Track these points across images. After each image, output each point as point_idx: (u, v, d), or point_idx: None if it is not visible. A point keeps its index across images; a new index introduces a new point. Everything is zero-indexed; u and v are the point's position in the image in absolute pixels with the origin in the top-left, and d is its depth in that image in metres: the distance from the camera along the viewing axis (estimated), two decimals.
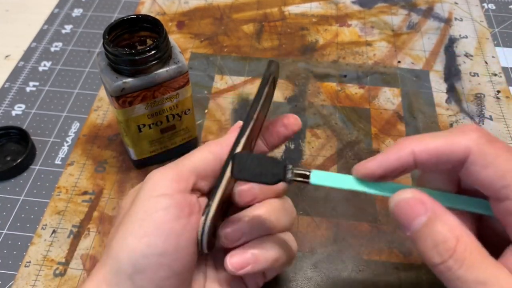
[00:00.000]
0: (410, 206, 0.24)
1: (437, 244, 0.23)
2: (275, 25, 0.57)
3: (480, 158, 0.24)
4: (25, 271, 0.37)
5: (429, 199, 0.24)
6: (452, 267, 0.22)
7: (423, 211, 0.23)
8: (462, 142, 0.24)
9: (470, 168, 0.24)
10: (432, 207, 0.24)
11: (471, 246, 0.23)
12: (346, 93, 0.49)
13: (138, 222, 0.26)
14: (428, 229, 0.23)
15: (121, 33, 0.37)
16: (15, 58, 0.54)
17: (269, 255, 0.28)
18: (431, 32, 0.55)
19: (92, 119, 0.47)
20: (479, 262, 0.22)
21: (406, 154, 0.25)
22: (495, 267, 0.23)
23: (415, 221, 0.24)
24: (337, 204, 0.40)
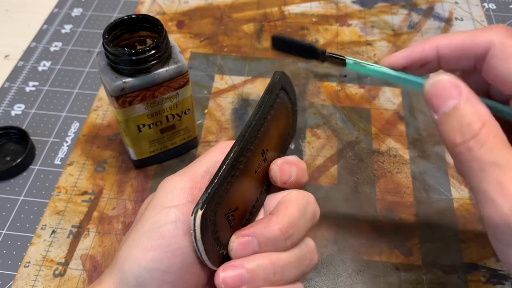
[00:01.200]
0: (445, 88, 0.24)
1: (463, 125, 0.23)
2: (275, 24, 0.57)
3: (500, 51, 0.24)
4: (24, 272, 0.36)
5: (465, 85, 0.24)
6: (473, 147, 0.23)
7: (457, 94, 0.24)
8: (485, 35, 0.25)
9: (491, 62, 0.24)
10: (466, 92, 0.24)
11: (494, 132, 0.23)
12: (346, 93, 0.49)
13: (146, 234, 0.25)
14: (457, 111, 0.24)
15: (121, 33, 0.37)
16: (15, 58, 0.53)
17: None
18: (432, 32, 0.55)
19: (92, 119, 0.47)
20: (499, 146, 0.23)
21: (430, 46, 0.26)
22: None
23: (447, 103, 0.24)
24: (337, 204, 0.40)
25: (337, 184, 0.41)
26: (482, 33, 0.25)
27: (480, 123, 0.23)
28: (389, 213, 0.39)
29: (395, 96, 0.49)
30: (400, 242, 0.38)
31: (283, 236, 0.26)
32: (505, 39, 0.24)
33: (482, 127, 0.23)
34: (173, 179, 0.27)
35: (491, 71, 0.25)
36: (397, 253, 0.37)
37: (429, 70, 0.27)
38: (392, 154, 0.43)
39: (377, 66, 0.28)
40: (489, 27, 0.26)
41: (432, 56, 0.26)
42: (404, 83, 0.27)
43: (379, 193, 0.41)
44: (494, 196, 0.22)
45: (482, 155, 0.23)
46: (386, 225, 0.39)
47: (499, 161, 0.22)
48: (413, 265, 0.36)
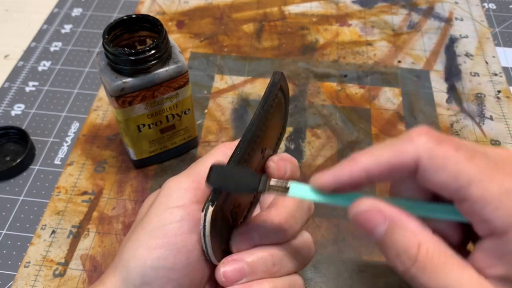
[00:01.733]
0: (368, 217, 0.23)
1: (399, 253, 0.22)
2: (275, 24, 0.57)
3: (430, 164, 0.23)
4: (24, 272, 0.36)
5: (387, 206, 0.23)
6: (416, 274, 0.22)
7: (382, 220, 0.23)
8: (410, 150, 0.23)
9: (424, 174, 0.23)
10: (391, 215, 0.23)
11: (433, 251, 0.22)
12: (347, 93, 0.49)
13: (151, 233, 0.25)
14: (389, 238, 0.23)
15: (121, 33, 0.37)
16: (15, 58, 0.53)
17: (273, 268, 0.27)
18: (432, 32, 0.55)
19: (92, 119, 0.47)
20: (442, 267, 0.22)
21: (358, 170, 0.24)
22: (459, 270, 0.22)
23: (376, 231, 0.23)
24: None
25: None
26: (406, 147, 0.23)
27: (415, 246, 0.22)
28: None
29: (395, 96, 0.49)
30: None
31: (282, 228, 0.27)
32: (430, 151, 0.23)
33: (419, 249, 0.22)
34: (178, 179, 0.27)
35: (427, 182, 0.23)
36: None
37: (362, 187, 0.25)
38: None
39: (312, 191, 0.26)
40: (410, 136, 0.24)
41: (362, 178, 0.24)
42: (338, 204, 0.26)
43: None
44: None
45: (427, 281, 0.22)
46: None
47: (444, 285, 0.21)
48: None
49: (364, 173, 0.24)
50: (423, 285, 0.22)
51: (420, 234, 0.23)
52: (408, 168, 0.23)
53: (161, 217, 0.26)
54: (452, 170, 0.22)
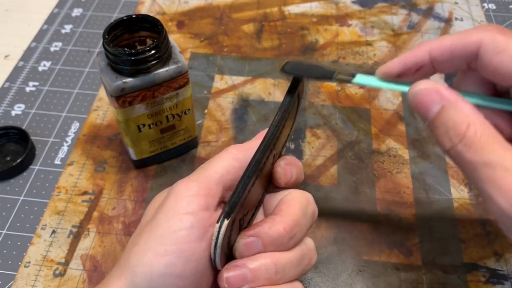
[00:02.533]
0: (426, 95, 0.25)
1: (448, 129, 0.23)
2: (275, 24, 0.57)
3: (491, 46, 0.24)
4: (24, 272, 0.36)
5: (445, 88, 0.24)
6: (461, 151, 0.23)
7: (438, 100, 0.24)
8: (474, 34, 0.25)
9: (484, 59, 0.25)
10: (447, 96, 0.24)
11: (481, 131, 0.23)
12: (346, 93, 0.49)
13: (159, 239, 0.25)
14: (442, 116, 0.24)
15: (121, 33, 0.37)
16: (15, 58, 0.54)
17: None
18: (432, 32, 0.55)
19: (92, 119, 0.47)
20: (488, 145, 0.23)
21: (422, 51, 0.26)
22: (503, 150, 0.22)
23: (431, 110, 0.24)
24: (337, 204, 0.40)
25: (337, 184, 0.41)
26: (471, 33, 0.26)
27: (465, 125, 0.23)
28: (389, 213, 0.39)
29: (395, 96, 0.49)
30: (400, 242, 0.38)
31: (287, 236, 0.26)
32: (494, 35, 0.25)
33: (468, 128, 0.23)
34: (187, 184, 0.27)
35: (485, 67, 0.25)
36: (397, 253, 0.37)
37: (425, 74, 0.27)
38: (392, 154, 0.43)
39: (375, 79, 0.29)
40: (478, 26, 0.26)
41: (425, 60, 0.26)
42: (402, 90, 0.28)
43: (379, 193, 0.41)
44: (491, 194, 0.22)
45: (471, 157, 0.23)
46: (386, 225, 0.39)
47: (487, 160, 0.22)
48: (413, 265, 0.36)
49: (427, 54, 0.26)
50: (467, 160, 0.23)
51: (472, 115, 0.23)
52: (470, 51, 0.25)
53: (170, 223, 0.25)
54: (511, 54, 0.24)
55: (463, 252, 0.37)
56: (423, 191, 0.41)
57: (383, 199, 0.40)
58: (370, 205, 0.40)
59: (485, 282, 0.36)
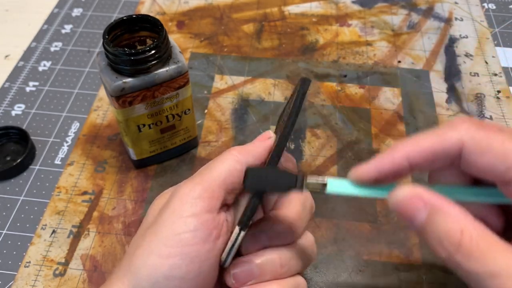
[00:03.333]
0: (408, 204, 0.23)
1: (441, 239, 0.22)
2: (275, 25, 0.57)
3: (474, 147, 0.23)
4: (24, 271, 0.36)
5: (427, 192, 0.23)
6: (461, 261, 0.21)
7: (422, 207, 0.23)
8: (453, 136, 0.24)
9: (468, 159, 0.23)
10: (431, 201, 0.23)
11: (477, 236, 0.21)
12: (346, 93, 0.49)
13: (164, 241, 0.25)
14: (430, 224, 0.22)
15: (121, 33, 0.37)
16: (15, 58, 0.54)
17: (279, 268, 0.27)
18: (431, 32, 0.55)
19: (92, 119, 0.47)
20: (489, 252, 0.21)
21: (400, 157, 0.24)
22: (505, 254, 0.21)
23: (417, 219, 0.23)
24: (337, 204, 0.40)
25: None
26: (449, 134, 0.24)
27: (458, 232, 0.21)
28: (389, 213, 0.39)
29: (395, 96, 0.49)
30: (400, 242, 0.38)
31: (289, 229, 0.27)
32: (474, 134, 0.23)
33: (462, 236, 0.21)
34: (191, 186, 0.27)
35: (472, 167, 0.24)
36: (397, 253, 0.37)
37: (403, 177, 0.26)
38: None
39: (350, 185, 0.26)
40: (453, 124, 0.24)
41: (403, 166, 0.24)
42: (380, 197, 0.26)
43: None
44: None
45: (473, 267, 0.21)
46: (385, 225, 0.39)
47: (493, 271, 0.20)
48: (413, 265, 0.36)
49: (406, 160, 0.24)
50: (470, 271, 0.21)
51: (463, 219, 0.22)
52: (451, 154, 0.24)
53: (175, 226, 0.25)
54: (498, 151, 0.22)
55: None
56: None
57: (383, 199, 0.40)
58: (370, 205, 0.40)
59: None
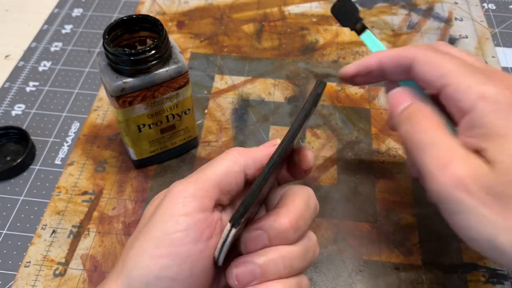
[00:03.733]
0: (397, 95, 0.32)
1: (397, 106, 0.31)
2: (275, 25, 0.57)
3: (421, 59, 0.30)
4: (25, 271, 0.37)
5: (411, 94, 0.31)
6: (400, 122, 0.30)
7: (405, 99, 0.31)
8: (410, 49, 0.31)
9: (415, 68, 0.30)
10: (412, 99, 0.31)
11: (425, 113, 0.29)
12: (346, 93, 0.49)
13: (155, 241, 0.25)
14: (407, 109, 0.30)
15: (121, 33, 0.37)
16: (15, 58, 0.54)
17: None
18: (431, 32, 0.55)
19: (92, 119, 0.47)
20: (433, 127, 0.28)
21: (374, 59, 0.33)
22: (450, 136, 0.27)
23: (401, 105, 0.31)
24: (337, 204, 0.40)
25: (337, 184, 0.41)
26: (409, 48, 0.32)
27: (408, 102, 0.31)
28: (389, 213, 0.39)
29: None
30: (400, 242, 0.38)
31: (292, 229, 0.26)
32: (426, 51, 0.30)
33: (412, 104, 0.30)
34: (185, 185, 0.27)
35: (416, 75, 0.30)
36: (397, 253, 0.37)
37: (374, 77, 0.34)
38: (392, 154, 0.44)
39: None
40: (418, 45, 0.32)
41: (375, 66, 0.33)
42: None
43: (379, 193, 0.41)
44: (433, 170, 0.25)
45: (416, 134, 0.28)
46: (386, 225, 0.39)
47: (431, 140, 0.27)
48: (413, 265, 0.36)
49: (378, 62, 0.33)
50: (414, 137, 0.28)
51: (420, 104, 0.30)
52: (407, 62, 0.31)
53: (166, 226, 0.25)
54: (435, 63, 0.29)
55: (463, 252, 0.37)
56: (423, 191, 0.41)
57: (383, 199, 0.40)
58: (370, 205, 0.40)
59: (485, 282, 0.36)
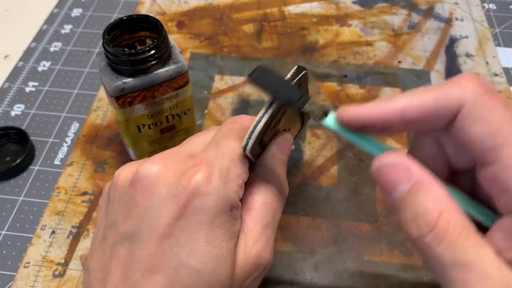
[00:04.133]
0: (393, 171, 0.21)
1: (417, 216, 0.20)
2: (275, 25, 0.57)
3: (472, 111, 0.21)
4: (24, 272, 0.36)
5: (416, 166, 0.21)
6: (431, 243, 0.20)
7: (407, 178, 0.21)
8: (456, 93, 0.21)
9: (461, 123, 0.21)
10: (418, 175, 0.21)
11: (455, 222, 0.20)
12: (347, 93, 0.49)
13: None
14: (410, 198, 0.21)
15: (121, 33, 0.36)
16: (15, 58, 0.53)
17: None
18: (432, 32, 0.55)
19: (92, 119, 0.47)
20: (463, 241, 0.20)
21: (393, 109, 0.22)
22: (480, 248, 0.20)
23: (397, 189, 0.21)
24: (338, 204, 0.40)
25: (337, 184, 0.41)
26: (451, 91, 0.22)
27: (437, 213, 0.20)
28: (389, 213, 0.39)
29: None
30: (401, 242, 0.38)
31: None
32: (477, 97, 0.21)
33: (440, 217, 0.20)
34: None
35: (461, 134, 0.22)
36: (398, 253, 0.37)
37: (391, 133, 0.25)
38: None
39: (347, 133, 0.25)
40: (459, 80, 0.22)
41: (395, 121, 0.22)
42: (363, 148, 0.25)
43: (379, 193, 0.41)
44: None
45: (442, 252, 0.20)
46: (386, 225, 0.39)
47: (461, 260, 0.19)
48: (414, 265, 0.36)
49: (399, 114, 0.22)
50: (437, 256, 0.20)
51: (445, 201, 0.20)
52: (449, 114, 0.21)
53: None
54: (494, 125, 0.20)
55: None
56: None
57: (383, 199, 0.40)
58: (371, 205, 0.40)
59: None
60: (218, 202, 0.24)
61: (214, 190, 0.24)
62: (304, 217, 0.39)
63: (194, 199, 0.24)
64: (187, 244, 0.24)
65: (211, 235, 0.24)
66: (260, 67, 0.25)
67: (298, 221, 0.39)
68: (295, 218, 0.39)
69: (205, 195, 0.24)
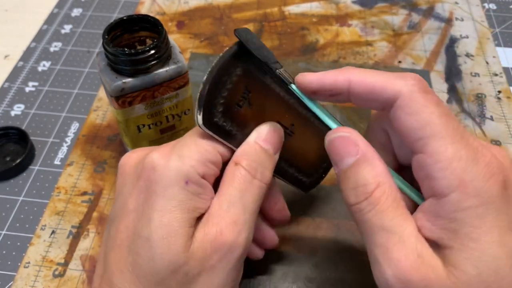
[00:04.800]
0: (342, 145, 0.25)
1: (357, 186, 0.24)
2: (275, 25, 0.57)
3: (408, 104, 0.23)
4: (24, 272, 0.36)
5: (364, 142, 0.24)
6: (364, 209, 0.23)
7: (354, 152, 0.24)
8: (396, 84, 0.24)
9: (396, 113, 0.24)
10: (364, 150, 0.24)
11: (388, 194, 0.23)
12: None
13: None
14: (354, 170, 0.24)
15: (121, 33, 0.36)
16: (15, 58, 0.53)
17: None
18: (432, 32, 0.55)
19: (92, 119, 0.47)
20: (391, 210, 0.23)
21: (343, 78, 0.25)
22: (404, 219, 0.23)
23: (344, 160, 0.24)
24: (337, 204, 0.40)
25: (337, 184, 0.41)
26: (394, 81, 0.24)
27: (375, 185, 0.23)
28: None
29: None
30: None
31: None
32: (413, 93, 0.23)
33: (376, 188, 0.23)
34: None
35: (395, 121, 0.24)
36: None
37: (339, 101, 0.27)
38: None
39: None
40: (404, 75, 0.24)
41: (343, 88, 0.25)
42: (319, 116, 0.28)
43: None
44: (380, 260, 0.23)
45: (371, 217, 0.23)
46: None
47: (387, 226, 0.22)
48: None
49: (347, 83, 0.25)
50: (367, 220, 0.23)
51: (383, 175, 0.24)
52: (386, 98, 0.24)
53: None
54: (423, 118, 0.23)
55: None
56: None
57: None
58: None
59: None
60: (171, 173, 0.25)
61: (167, 163, 0.26)
62: (304, 217, 0.39)
63: (150, 173, 0.26)
64: (144, 216, 0.25)
65: (163, 205, 0.25)
66: (247, 29, 0.27)
67: (298, 221, 0.39)
68: (295, 218, 0.39)
69: (158, 168, 0.26)
